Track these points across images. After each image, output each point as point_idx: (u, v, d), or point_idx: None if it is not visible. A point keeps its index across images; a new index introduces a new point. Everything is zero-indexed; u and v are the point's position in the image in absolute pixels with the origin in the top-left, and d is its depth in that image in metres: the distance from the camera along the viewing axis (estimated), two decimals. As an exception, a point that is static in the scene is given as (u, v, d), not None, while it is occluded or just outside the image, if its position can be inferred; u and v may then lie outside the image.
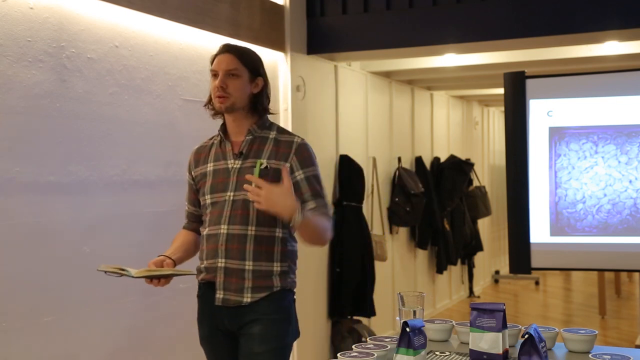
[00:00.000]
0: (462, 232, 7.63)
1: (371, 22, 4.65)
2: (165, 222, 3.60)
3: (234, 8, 4.05)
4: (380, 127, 6.17)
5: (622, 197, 3.80)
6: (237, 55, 2.41)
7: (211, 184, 2.43)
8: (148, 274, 2.31)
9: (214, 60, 2.43)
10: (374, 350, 1.92)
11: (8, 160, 2.77)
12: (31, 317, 2.86)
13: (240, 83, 2.39)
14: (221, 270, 2.37)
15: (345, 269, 5.19)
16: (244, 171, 2.37)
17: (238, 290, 2.36)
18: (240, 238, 2.36)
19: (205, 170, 2.47)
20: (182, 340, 3.69)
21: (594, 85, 3.98)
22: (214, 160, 2.46)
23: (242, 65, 2.40)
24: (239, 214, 2.36)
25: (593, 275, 8.27)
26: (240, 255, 2.35)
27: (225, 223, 2.37)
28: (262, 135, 2.43)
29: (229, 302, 2.38)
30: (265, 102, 2.47)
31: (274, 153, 2.39)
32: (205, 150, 2.51)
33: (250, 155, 2.40)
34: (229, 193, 2.38)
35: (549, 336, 2.07)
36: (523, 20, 4.32)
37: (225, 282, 2.37)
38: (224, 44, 2.47)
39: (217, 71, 2.40)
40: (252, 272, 2.35)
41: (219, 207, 2.39)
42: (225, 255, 2.37)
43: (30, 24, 2.86)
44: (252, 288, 2.36)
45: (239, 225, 2.36)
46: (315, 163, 2.44)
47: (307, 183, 2.38)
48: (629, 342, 5.98)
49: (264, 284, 2.37)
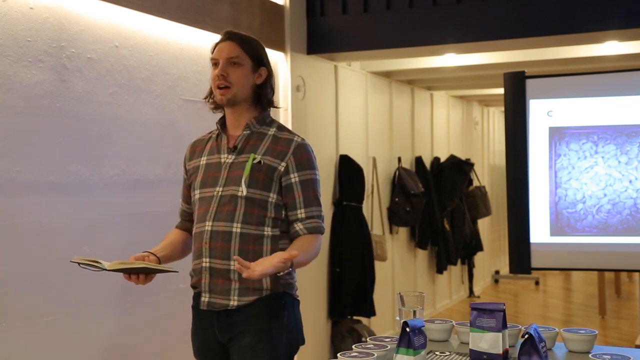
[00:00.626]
0: (462, 232, 7.63)
1: (371, 22, 4.65)
2: (166, 222, 3.59)
3: (234, 8, 4.05)
4: (380, 127, 6.17)
5: (622, 197, 3.80)
6: (240, 42, 2.27)
7: (201, 179, 2.30)
8: (121, 266, 2.13)
9: (215, 48, 2.29)
10: (374, 350, 1.92)
11: (8, 160, 2.77)
12: (31, 317, 2.86)
13: (242, 72, 2.25)
14: (206, 270, 2.23)
15: (345, 269, 5.19)
16: (237, 166, 2.25)
17: (224, 292, 2.22)
18: (225, 235, 2.20)
19: (198, 164, 2.34)
20: (182, 340, 3.69)
21: (594, 85, 3.98)
22: (207, 153, 2.33)
23: (244, 53, 2.26)
24: (225, 210, 2.21)
25: (593, 275, 8.26)
26: (225, 253, 2.20)
27: (210, 220, 2.23)
28: (260, 131, 2.30)
29: (214, 305, 2.23)
30: (269, 94, 2.33)
31: (270, 150, 2.26)
32: (202, 144, 2.39)
33: (245, 150, 2.27)
34: (218, 188, 2.25)
35: (549, 336, 2.07)
36: (523, 20, 4.32)
37: (211, 284, 2.23)
38: (225, 30, 2.33)
39: (218, 59, 2.26)
40: (238, 272, 2.12)
41: (206, 203, 2.26)
42: (209, 254, 2.22)
43: (30, 24, 2.86)
44: (238, 290, 2.20)
45: (223, 222, 2.21)
46: (314, 166, 2.30)
47: (300, 187, 2.25)
48: (629, 342, 5.98)
49: (252, 286, 2.19)
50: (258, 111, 2.32)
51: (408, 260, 6.74)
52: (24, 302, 2.84)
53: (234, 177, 2.24)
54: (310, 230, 2.25)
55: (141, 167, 3.44)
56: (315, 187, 2.29)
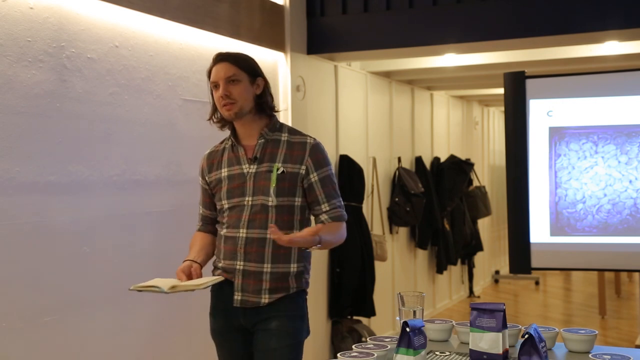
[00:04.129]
0: (462, 232, 7.63)
1: (371, 22, 4.65)
2: (166, 222, 3.60)
3: (234, 8, 4.05)
4: (380, 127, 6.18)
5: (622, 197, 3.80)
6: (233, 61, 2.44)
7: (227, 189, 2.47)
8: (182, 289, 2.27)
9: (211, 72, 2.46)
10: (374, 350, 1.92)
11: (8, 160, 2.77)
12: (31, 317, 2.86)
13: (242, 87, 2.43)
14: (239, 272, 2.43)
15: (345, 269, 5.19)
16: (260, 175, 2.43)
17: (256, 291, 2.42)
18: (260, 242, 2.41)
19: (219, 176, 2.51)
20: (182, 339, 3.69)
21: (594, 85, 3.98)
22: (227, 165, 2.50)
23: (239, 70, 2.43)
24: (258, 218, 2.41)
25: (593, 275, 8.27)
26: (259, 258, 2.41)
27: (244, 227, 2.42)
28: (274, 138, 2.47)
29: (247, 303, 2.43)
30: (270, 101, 2.51)
31: (288, 156, 2.44)
32: (218, 156, 2.55)
33: (265, 159, 2.45)
34: (247, 198, 2.43)
35: (549, 336, 2.07)
36: (523, 20, 4.32)
37: (244, 284, 2.43)
38: (216, 54, 2.49)
39: (218, 81, 2.43)
40: (270, 274, 2.41)
41: (238, 212, 2.44)
42: (244, 259, 2.42)
43: (30, 24, 2.86)
44: (269, 289, 2.41)
45: (258, 229, 2.41)
46: (329, 162, 2.49)
47: (321, 185, 2.45)
48: (629, 342, 5.98)
49: (281, 285, 2.42)
50: (264, 119, 2.50)
51: (408, 260, 6.74)
52: (24, 302, 2.84)
53: (261, 187, 2.42)
54: (334, 219, 2.47)
55: (141, 167, 3.44)
56: (333, 181, 2.50)
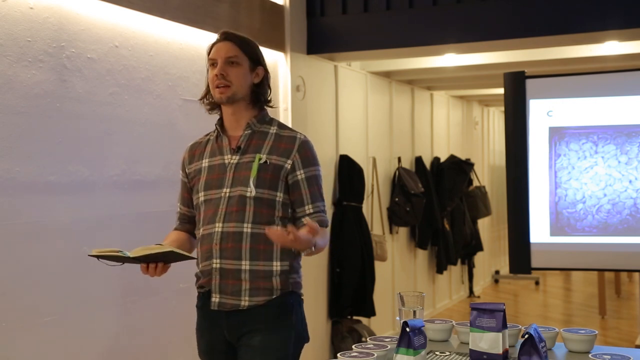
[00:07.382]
0: (462, 232, 7.63)
1: (371, 22, 4.65)
2: (166, 222, 3.59)
3: (234, 8, 4.05)
4: (380, 127, 6.17)
5: (622, 197, 3.80)
6: (237, 42, 2.29)
7: (205, 180, 2.30)
8: (146, 252, 2.09)
9: (212, 48, 2.31)
10: (374, 350, 1.92)
11: (8, 160, 2.77)
12: (31, 317, 2.86)
13: (240, 71, 2.27)
14: (216, 271, 2.23)
15: (345, 269, 5.19)
16: (242, 166, 2.26)
17: (235, 292, 2.22)
18: (236, 236, 2.21)
19: (200, 167, 2.34)
20: (182, 339, 3.69)
21: (594, 85, 3.98)
22: (209, 156, 2.33)
23: (242, 53, 2.28)
24: (235, 211, 2.22)
25: (593, 275, 8.27)
26: (236, 254, 2.21)
27: (220, 221, 2.23)
28: (261, 130, 2.31)
29: (225, 306, 2.23)
30: (266, 94, 2.36)
31: (274, 148, 2.27)
32: (201, 147, 2.39)
33: (249, 150, 2.28)
34: (225, 190, 2.25)
35: (549, 336, 2.07)
36: (523, 20, 4.32)
37: (221, 285, 2.23)
38: (222, 30, 2.33)
39: (216, 59, 2.27)
40: (249, 272, 2.20)
41: (214, 205, 2.26)
42: (220, 255, 2.22)
43: (30, 24, 2.86)
44: (249, 290, 2.21)
45: (234, 222, 2.22)
46: (317, 162, 2.33)
47: (307, 184, 2.27)
48: (629, 342, 5.97)
49: (262, 286, 2.22)
50: (256, 110, 2.34)
51: (408, 260, 6.74)
52: (24, 302, 2.84)
53: (240, 178, 2.25)
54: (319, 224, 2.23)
55: (141, 167, 3.44)
56: (319, 182, 2.32)
